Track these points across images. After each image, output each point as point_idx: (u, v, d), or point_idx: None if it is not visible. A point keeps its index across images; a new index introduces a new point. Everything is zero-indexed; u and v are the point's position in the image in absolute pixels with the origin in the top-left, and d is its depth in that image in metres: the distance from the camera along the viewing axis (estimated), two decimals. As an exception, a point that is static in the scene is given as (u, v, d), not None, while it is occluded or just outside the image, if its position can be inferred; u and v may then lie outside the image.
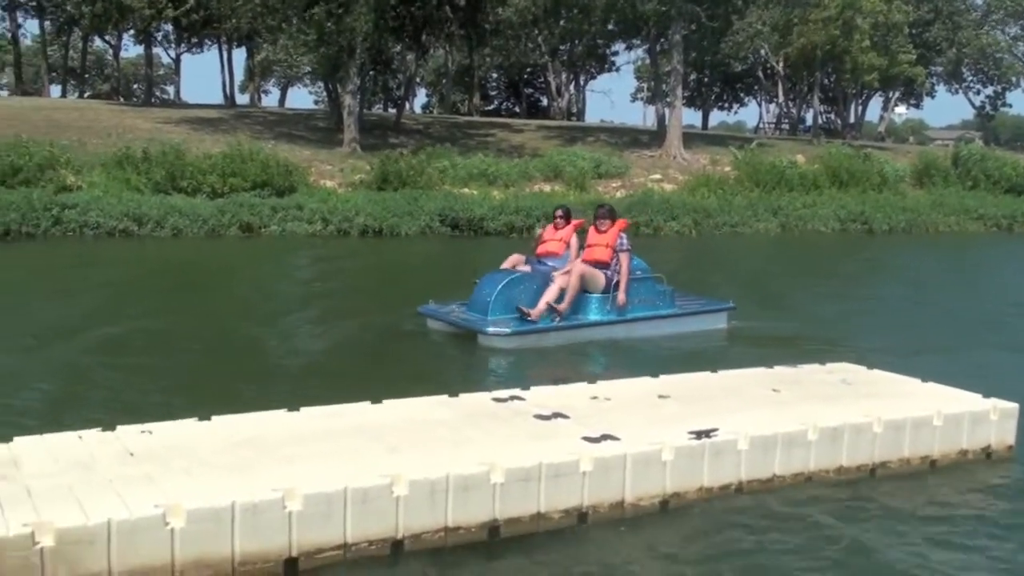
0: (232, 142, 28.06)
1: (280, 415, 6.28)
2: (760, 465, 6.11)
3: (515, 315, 10.55)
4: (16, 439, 5.49)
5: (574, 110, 66.84)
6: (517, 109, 74.46)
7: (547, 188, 29.95)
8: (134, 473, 4.97)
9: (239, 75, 68.38)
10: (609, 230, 11.24)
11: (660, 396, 7.04)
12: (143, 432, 5.72)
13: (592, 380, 7.60)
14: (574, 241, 11.69)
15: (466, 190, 27.92)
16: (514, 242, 24.06)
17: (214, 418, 6.09)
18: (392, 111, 48.12)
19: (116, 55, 65.85)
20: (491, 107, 76.73)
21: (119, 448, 5.41)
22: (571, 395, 7.01)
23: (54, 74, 63.49)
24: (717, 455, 5.96)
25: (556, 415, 6.38)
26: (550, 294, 10.67)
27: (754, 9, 40.29)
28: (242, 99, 61.81)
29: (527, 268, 11.45)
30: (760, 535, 5.58)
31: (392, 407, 6.58)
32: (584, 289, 10.91)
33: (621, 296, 11.02)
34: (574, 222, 11.94)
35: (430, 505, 5.12)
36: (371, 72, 39.15)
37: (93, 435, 5.64)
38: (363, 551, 4.97)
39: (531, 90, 77.78)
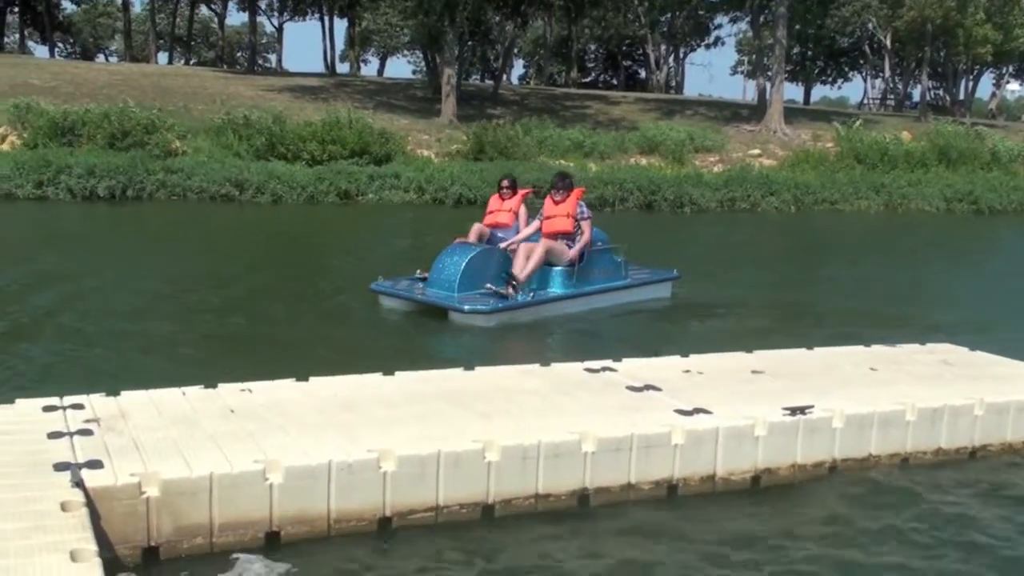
0: (332, 110, 28.45)
1: (374, 378, 6.39)
2: (855, 444, 6.01)
3: (481, 291, 10.13)
4: (123, 393, 5.69)
5: (672, 83, 66.14)
6: (615, 81, 73.95)
7: (643, 161, 29.72)
8: (235, 429, 5.11)
9: (340, 44, 69.03)
10: (567, 199, 10.79)
11: (754, 371, 6.96)
12: (243, 390, 5.88)
13: (683, 354, 7.53)
14: (523, 211, 11.36)
15: (562, 162, 27.86)
16: (607, 215, 24.01)
17: (311, 379, 6.22)
18: (489, 82, 48.19)
19: (221, 23, 67.29)
20: (588, 79, 76.29)
21: (220, 405, 5.56)
22: (664, 368, 6.97)
23: (161, 41, 64.98)
24: (811, 432, 5.87)
25: (648, 387, 6.36)
26: (521, 267, 10.28)
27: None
28: (342, 68, 62.47)
29: (485, 235, 11.17)
30: (853, 515, 5.50)
31: (483, 374, 6.64)
32: (548, 262, 10.57)
33: (573, 253, 10.73)
34: (521, 191, 11.58)
35: (521, 471, 5.16)
36: (469, 42, 39.22)
37: (196, 392, 5.82)
38: (454, 514, 5.04)
39: (629, 62, 77.12)
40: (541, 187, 24.22)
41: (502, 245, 10.78)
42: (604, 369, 6.85)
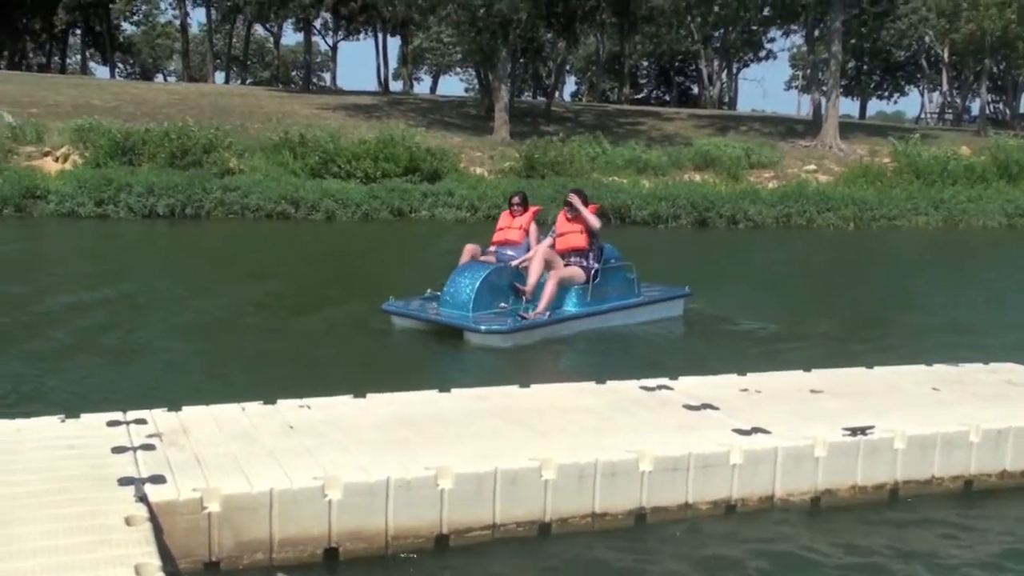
0: (386, 128, 28.69)
1: (430, 395, 6.42)
2: (917, 466, 5.91)
3: (496, 311, 10.01)
4: (185, 408, 5.77)
5: (725, 99, 65.78)
6: (667, 97, 73.82)
7: (697, 177, 29.57)
8: (294, 445, 5.16)
9: (392, 62, 69.68)
10: (579, 216, 10.58)
11: (812, 391, 6.89)
12: (301, 406, 5.94)
13: (739, 373, 7.47)
14: (533, 229, 11.12)
15: (615, 178, 27.82)
16: (660, 231, 23.94)
17: (368, 395, 6.26)
18: (541, 99, 48.31)
19: (276, 43, 68.22)
20: (640, 95, 76.26)
21: (280, 421, 5.62)
22: (720, 386, 6.92)
23: (218, 61, 66.00)
24: (872, 453, 5.79)
25: (705, 406, 6.31)
26: (548, 294, 10.13)
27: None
28: (395, 86, 63.05)
29: (490, 258, 10.91)
30: (914, 538, 5.41)
31: (538, 392, 6.64)
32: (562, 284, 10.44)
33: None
34: (532, 208, 11.33)
35: (578, 490, 5.15)
36: (521, 60, 39.38)
37: (255, 407, 5.88)
38: (511, 532, 5.04)
39: (681, 78, 76.96)
40: (601, 203, 24.33)
41: (513, 263, 10.65)
42: (660, 387, 6.82)
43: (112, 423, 5.46)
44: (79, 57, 75.47)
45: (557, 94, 51.14)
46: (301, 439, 5.29)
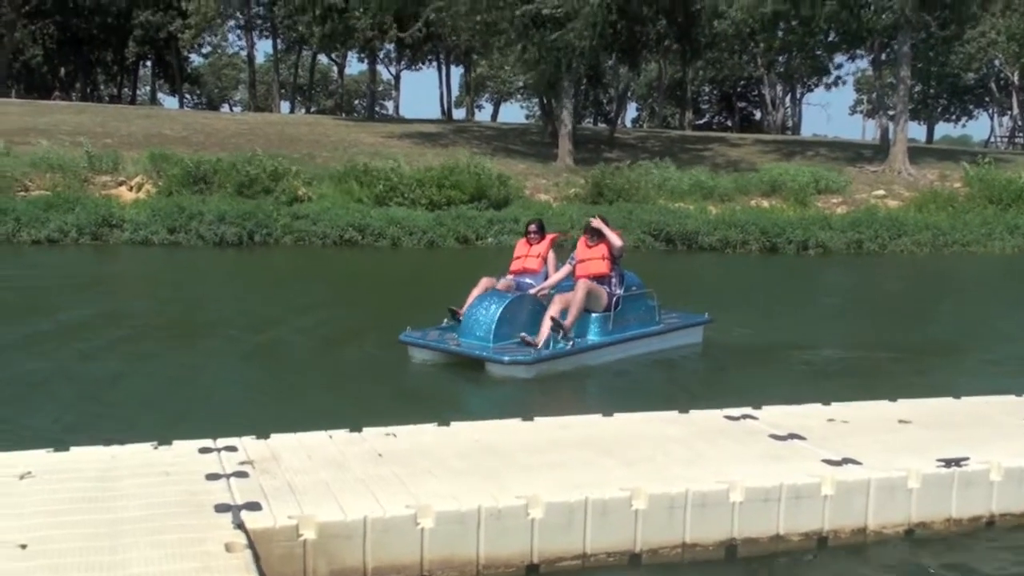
0: (451, 156, 28.90)
1: (514, 423, 6.41)
2: (1015, 498, 5.76)
3: (516, 341, 9.75)
4: (273, 436, 5.82)
5: (789, 124, 65.30)
6: (729, 123, 73.43)
7: (765, 203, 29.32)
8: (384, 473, 5.18)
9: (455, 91, 70.30)
10: (600, 243, 10.39)
11: (900, 421, 6.75)
12: (388, 435, 5.96)
13: (823, 402, 7.36)
14: (551, 256, 10.91)
15: (681, 204, 27.70)
16: (728, 257, 23.75)
17: (452, 424, 6.28)
18: (602, 125, 48.38)
19: (341, 72, 69.20)
20: (702, 121, 76.00)
21: (367, 448, 5.65)
22: (806, 416, 6.82)
23: (283, 90, 67.09)
24: (967, 485, 5.66)
25: (792, 436, 6.22)
26: (552, 315, 9.83)
27: (989, 17, 38.15)
28: (457, 114, 63.53)
29: (511, 287, 10.68)
30: (1014, 572, 5.27)
31: (623, 421, 6.59)
32: (585, 308, 10.16)
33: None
34: (549, 236, 11.12)
35: (668, 520, 5.10)
36: (583, 87, 39.48)
37: (342, 435, 5.92)
38: (601, 562, 5.00)
39: (744, 103, 76.54)
40: (660, 230, 24.29)
41: (532, 291, 10.44)
42: (744, 416, 6.74)
43: (203, 450, 5.52)
44: (148, 88, 77.24)
45: (620, 121, 51.15)
46: (390, 467, 5.30)
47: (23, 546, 4.09)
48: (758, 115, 71.41)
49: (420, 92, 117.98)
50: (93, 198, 23.73)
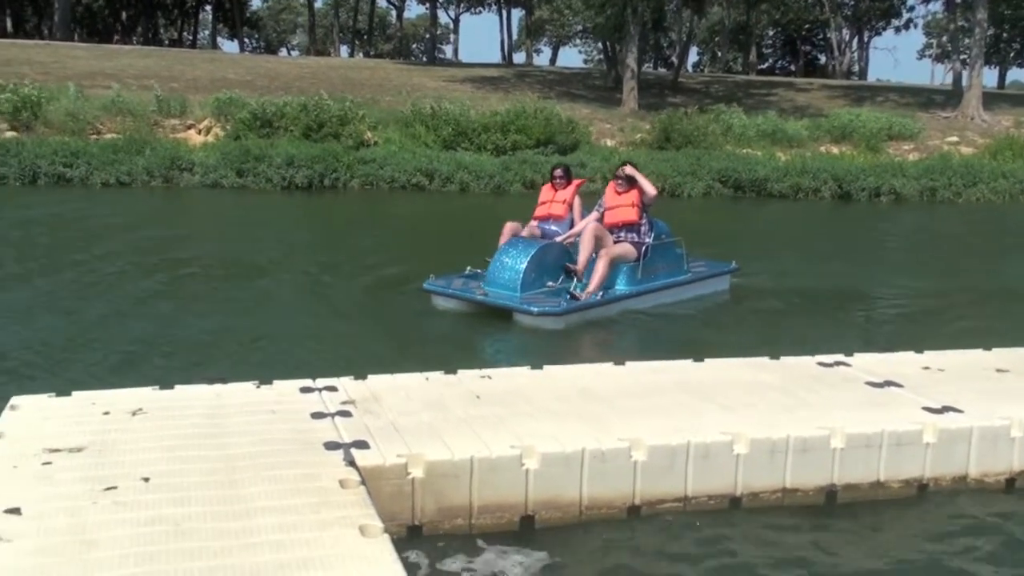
0: (514, 100, 28.71)
1: (606, 367, 6.42)
2: (1120, 448, 5.66)
3: (544, 290, 9.54)
4: (370, 377, 5.88)
5: (855, 68, 63.90)
6: (793, 68, 72.08)
7: (835, 150, 28.82)
8: (485, 414, 5.22)
9: (514, 34, 69.73)
10: (630, 189, 10.11)
11: (998, 370, 6.65)
12: (483, 377, 6.00)
13: (916, 350, 7.26)
14: (577, 202, 10.63)
15: (748, 150, 27.32)
16: (800, 203, 23.44)
17: (546, 367, 6.30)
18: (663, 70, 47.71)
19: (399, 16, 68.91)
20: (764, 65, 74.65)
21: (464, 390, 5.68)
22: (901, 363, 6.74)
23: (342, 34, 66.99)
24: (1072, 435, 5.57)
25: (888, 383, 6.15)
26: (599, 273, 9.61)
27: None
28: (516, 58, 63.05)
29: (535, 232, 10.49)
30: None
31: (714, 366, 6.56)
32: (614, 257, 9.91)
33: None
34: (576, 181, 10.86)
35: (769, 465, 5.09)
36: (647, 28, 38.93)
37: (438, 377, 5.97)
38: (702, 505, 5.01)
39: (808, 47, 74.99)
40: (729, 177, 23.98)
41: (558, 239, 10.21)
42: (838, 363, 6.67)
43: (305, 389, 5.60)
44: (208, 32, 77.60)
45: (682, 65, 50.40)
46: (490, 408, 5.34)
47: (146, 479, 4.19)
48: (822, 59, 70.00)
49: (476, 36, 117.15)
50: (163, 141, 23.98)
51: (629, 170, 10.23)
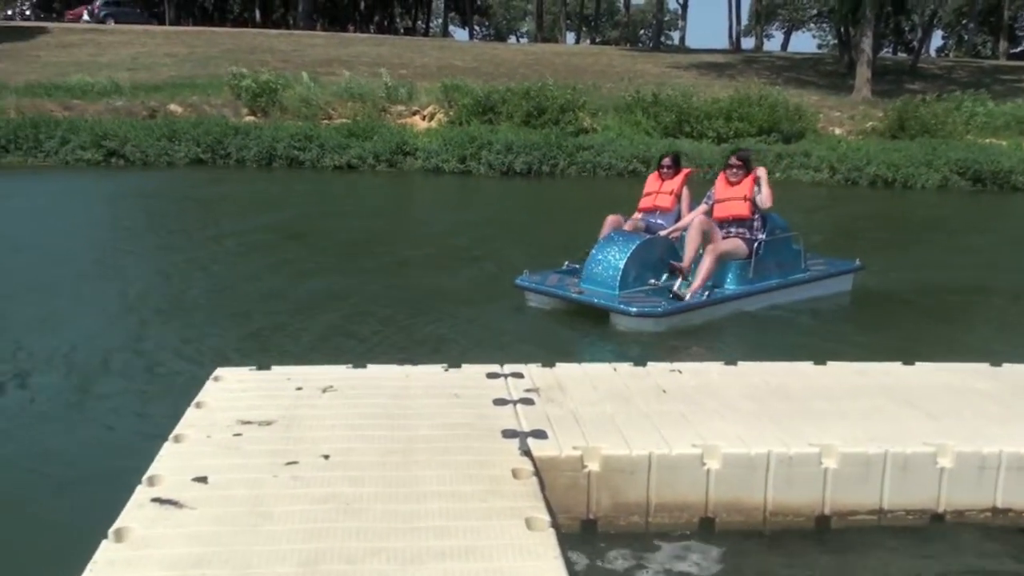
0: (739, 86, 28.02)
1: (804, 367, 6.10)
2: None
3: (646, 287, 8.88)
4: (558, 365, 5.84)
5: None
6: (1050, 51, 67.00)
7: (1095, 142, 26.57)
8: (669, 410, 5.06)
9: (744, 19, 68.03)
10: (743, 181, 9.26)
11: None
12: (672, 370, 5.84)
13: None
14: (685, 193, 9.84)
15: (992, 140, 25.56)
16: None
17: (739, 363, 6.06)
18: (903, 55, 45.36)
19: (626, 2, 68.46)
20: (1018, 49, 69.66)
21: (651, 384, 5.54)
22: None
23: (569, 21, 67.31)
24: None
25: (1125, 398, 5.57)
26: (705, 270, 8.85)
27: None
28: (745, 43, 61.50)
29: (639, 226, 9.72)
30: None
31: (925, 370, 6.12)
32: (722, 254, 9.11)
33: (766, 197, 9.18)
34: (684, 170, 10.04)
35: (977, 481, 4.70)
36: (887, 10, 37.12)
37: (626, 368, 5.86)
38: (900, 519, 4.69)
39: (1069, 29, 69.47)
40: (968, 168, 22.45)
41: (663, 232, 9.45)
42: (1066, 374, 6.10)
43: (491, 375, 5.61)
44: (440, 21, 79.79)
45: (923, 50, 47.78)
46: (675, 404, 5.18)
47: (326, 456, 4.30)
48: (1084, 42, 64.75)
49: (706, 21, 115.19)
50: (389, 126, 24.85)
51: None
